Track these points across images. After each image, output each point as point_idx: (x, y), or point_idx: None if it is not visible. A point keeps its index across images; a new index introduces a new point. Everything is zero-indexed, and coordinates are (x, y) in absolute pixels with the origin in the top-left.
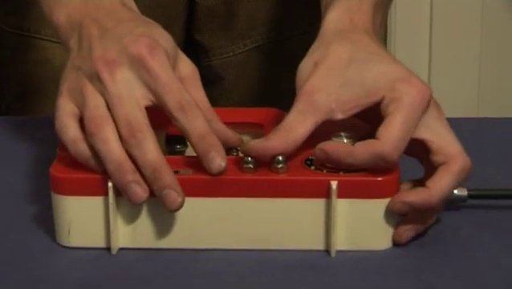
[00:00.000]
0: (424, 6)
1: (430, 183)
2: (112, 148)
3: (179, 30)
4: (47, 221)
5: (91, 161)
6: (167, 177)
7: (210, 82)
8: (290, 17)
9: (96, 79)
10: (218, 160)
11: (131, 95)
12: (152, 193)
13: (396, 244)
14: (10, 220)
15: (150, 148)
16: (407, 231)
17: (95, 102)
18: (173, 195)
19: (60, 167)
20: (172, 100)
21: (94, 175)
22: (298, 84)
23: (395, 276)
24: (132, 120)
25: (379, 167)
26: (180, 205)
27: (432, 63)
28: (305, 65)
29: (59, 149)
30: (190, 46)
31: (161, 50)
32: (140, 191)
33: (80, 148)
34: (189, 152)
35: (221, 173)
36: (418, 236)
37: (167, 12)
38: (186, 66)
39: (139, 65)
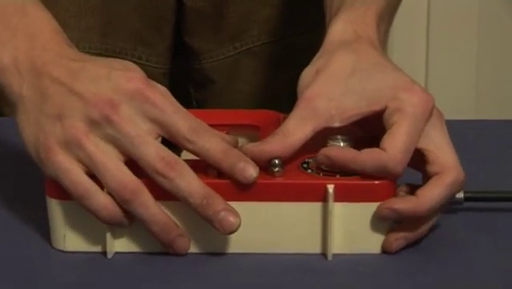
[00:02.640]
0: (421, 7)
1: (420, 192)
2: (155, 212)
3: (168, 32)
4: (43, 224)
5: (124, 221)
6: (219, 200)
7: (201, 85)
8: (280, 19)
9: (102, 124)
10: (251, 169)
11: (143, 132)
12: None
13: (385, 252)
14: (5, 222)
15: (193, 177)
16: (397, 240)
17: (111, 161)
18: (230, 217)
19: None
20: (183, 126)
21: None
22: (299, 91)
23: (391, 279)
24: (165, 155)
25: (381, 176)
26: (238, 226)
27: (430, 65)
28: (307, 72)
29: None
30: (180, 49)
31: (154, 82)
32: (185, 243)
33: (115, 212)
34: (183, 156)
35: (254, 181)
36: (410, 245)
37: (155, 14)
38: (162, 89)
39: (140, 100)
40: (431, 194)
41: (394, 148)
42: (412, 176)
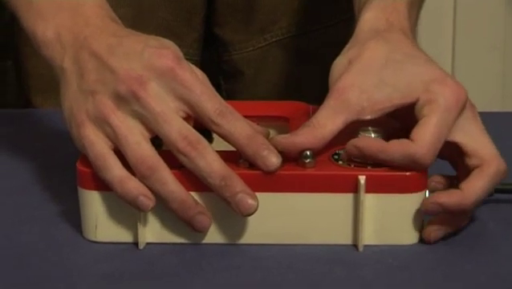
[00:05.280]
0: None
1: (464, 185)
2: (173, 188)
3: (199, 24)
4: (73, 215)
5: (141, 200)
6: (238, 182)
7: (230, 76)
8: (310, 11)
9: (129, 100)
10: (273, 158)
11: (169, 109)
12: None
13: (423, 242)
14: (35, 214)
15: (214, 158)
16: (436, 231)
17: (133, 136)
18: (248, 199)
19: (87, 161)
20: (210, 108)
21: None
22: (330, 81)
23: (421, 271)
24: (187, 134)
25: (410, 167)
26: (256, 209)
27: (456, 57)
28: (339, 62)
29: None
30: (210, 40)
31: (186, 61)
32: (205, 220)
33: (129, 187)
34: (215, 146)
35: (276, 170)
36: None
37: (186, 6)
38: (198, 72)
39: (169, 78)
40: (475, 187)
41: (422, 140)
42: (442, 168)
